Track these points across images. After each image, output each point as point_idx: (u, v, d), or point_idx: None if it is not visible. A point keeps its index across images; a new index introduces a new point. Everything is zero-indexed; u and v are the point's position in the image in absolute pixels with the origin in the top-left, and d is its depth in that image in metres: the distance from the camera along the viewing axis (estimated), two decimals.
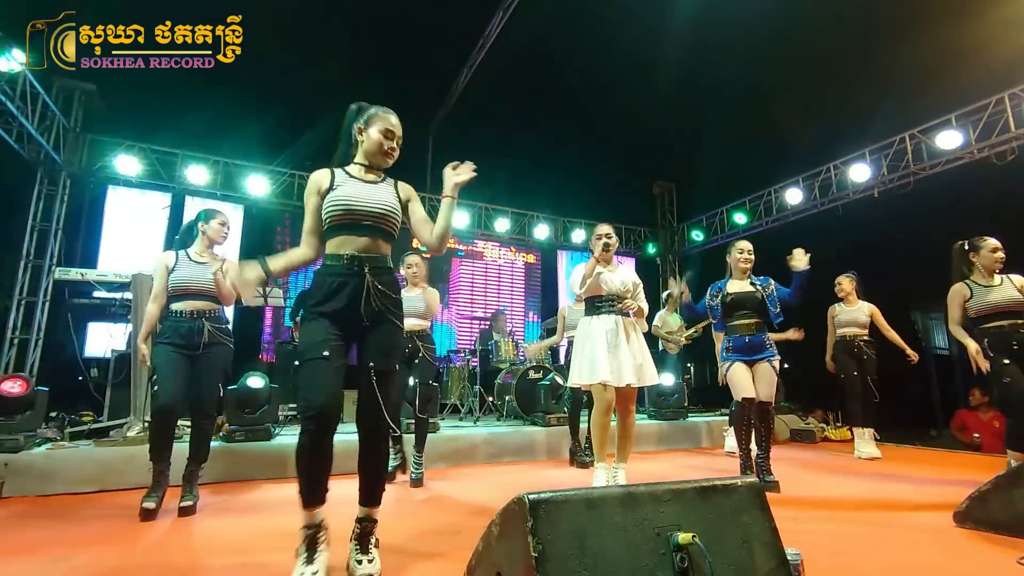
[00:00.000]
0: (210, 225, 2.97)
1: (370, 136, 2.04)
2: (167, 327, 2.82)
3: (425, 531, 2.46)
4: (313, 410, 1.78)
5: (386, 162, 2.08)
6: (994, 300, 3.34)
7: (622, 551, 1.14)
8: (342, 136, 2.11)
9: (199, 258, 2.92)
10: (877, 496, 3.13)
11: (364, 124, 2.05)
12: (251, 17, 4.68)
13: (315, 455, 1.80)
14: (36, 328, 5.89)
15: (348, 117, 2.10)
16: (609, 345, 3.03)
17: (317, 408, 1.78)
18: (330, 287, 1.90)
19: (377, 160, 2.06)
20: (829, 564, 1.96)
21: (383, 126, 2.04)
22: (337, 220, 1.93)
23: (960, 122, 5.97)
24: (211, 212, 3.04)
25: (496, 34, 6.02)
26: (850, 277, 4.82)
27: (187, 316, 2.82)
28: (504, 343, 6.06)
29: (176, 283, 2.82)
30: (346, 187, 1.97)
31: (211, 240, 2.97)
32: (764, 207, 8.32)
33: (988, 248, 3.45)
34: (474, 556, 1.40)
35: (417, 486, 3.45)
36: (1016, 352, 3.22)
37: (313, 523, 1.80)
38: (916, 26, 5.69)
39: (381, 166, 2.09)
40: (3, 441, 3.27)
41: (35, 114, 5.39)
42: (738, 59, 6.48)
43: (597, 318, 3.15)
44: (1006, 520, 2.23)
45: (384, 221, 1.97)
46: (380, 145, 2.03)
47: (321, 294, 1.91)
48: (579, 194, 9.00)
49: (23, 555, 2.16)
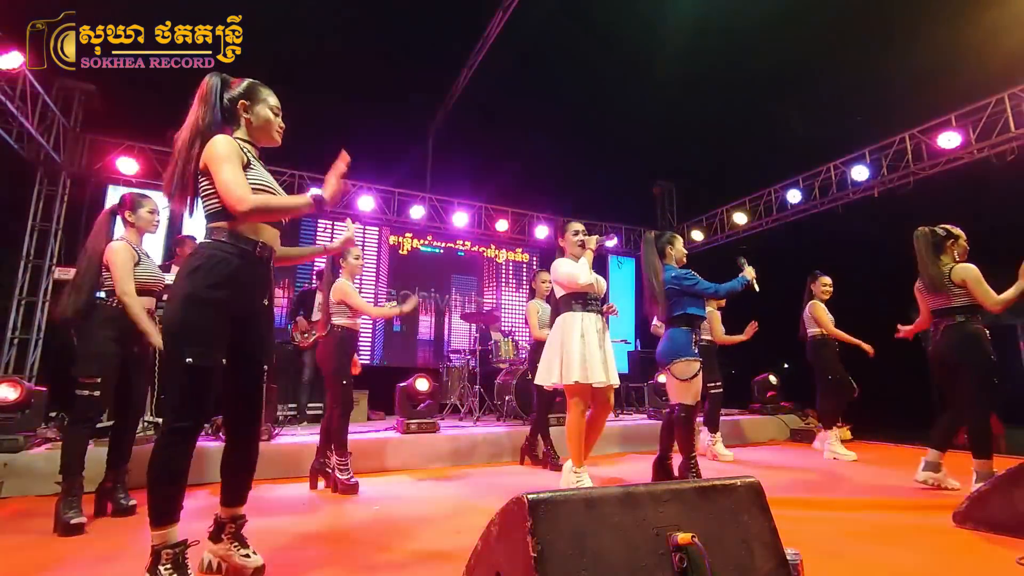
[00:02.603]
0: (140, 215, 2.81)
1: (259, 114, 1.88)
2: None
3: (424, 531, 2.46)
4: (225, 423, 1.83)
5: (277, 143, 1.96)
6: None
7: (621, 551, 1.14)
8: (206, 106, 1.82)
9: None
10: (877, 496, 3.13)
11: (248, 100, 1.88)
12: (251, 17, 4.68)
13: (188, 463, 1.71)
14: (36, 328, 5.89)
15: (212, 88, 1.84)
16: (600, 344, 3.04)
17: (235, 421, 1.83)
18: (241, 277, 1.76)
19: (268, 143, 1.94)
20: (829, 564, 1.96)
21: (270, 103, 1.91)
22: None
23: (960, 122, 5.97)
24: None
25: (496, 34, 6.02)
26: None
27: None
28: (504, 343, 6.06)
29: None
30: (261, 170, 1.85)
31: (147, 231, 2.85)
32: (764, 207, 8.32)
33: (963, 238, 3.37)
34: (474, 556, 1.40)
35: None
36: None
37: (178, 540, 1.66)
38: (916, 26, 5.70)
39: (265, 147, 1.95)
40: (2, 441, 3.27)
41: (35, 114, 5.38)
42: (738, 59, 6.48)
43: (585, 315, 3.08)
44: (1006, 520, 2.23)
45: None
46: (273, 126, 1.91)
47: (231, 283, 1.73)
48: (579, 194, 9.00)
49: (23, 555, 2.16)
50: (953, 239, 3.40)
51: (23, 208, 5.95)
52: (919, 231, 3.45)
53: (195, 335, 1.67)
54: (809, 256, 7.47)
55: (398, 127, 7.90)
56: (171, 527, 1.66)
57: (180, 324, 1.68)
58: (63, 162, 6.09)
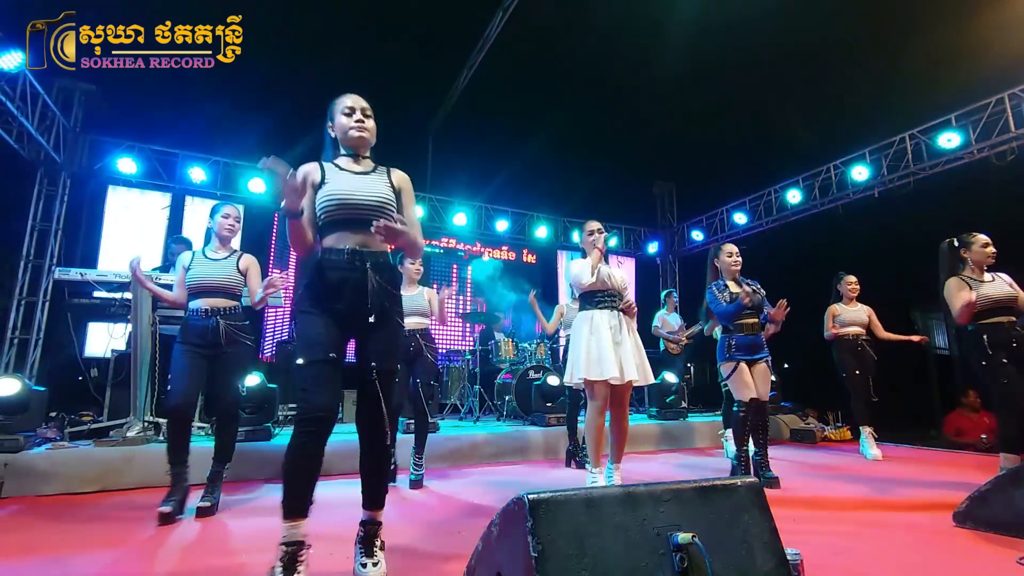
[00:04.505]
0: (215, 221, 2.98)
1: (337, 124, 2.00)
2: (184, 326, 2.83)
3: (425, 531, 2.46)
4: (315, 412, 1.72)
5: (363, 140, 1.99)
6: (994, 294, 3.27)
7: (622, 551, 1.14)
8: (324, 145, 2.09)
9: (214, 255, 2.94)
10: (877, 496, 3.12)
11: (330, 120, 2.03)
12: (251, 17, 4.67)
13: (310, 460, 1.74)
14: (36, 328, 5.89)
15: (325, 129, 2.08)
16: (614, 340, 2.99)
17: (320, 411, 1.73)
18: (331, 282, 1.83)
19: (354, 142, 1.99)
20: (829, 564, 1.96)
21: (341, 107, 1.99)
22: (332, 215, 1.87)
23: (960, 122, 5.97)
24: (217, 207, 3.04)
25: (496, 34, 6.02)
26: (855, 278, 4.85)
27: (202, 314, 2.79)
28: (504, 343, 6.06)
29: (190, 281, 2.83)
30: (337, 181, 1.92)
31: (219, 235, 2.98)
32: (764, 207, 8.32)
33: (979, 244, 3.41)
34: (474, 556, 1.40)
35: (417, 487, 3.44)
36: (1015, 350, 3.16)
37: (295, 539, 1.68)
38: (916, 26, 5.69)
39: (360, 148, 2.01)
40: (3, 441, 3.27)
41: (35, 114, 5.38)
42: (738, 59, 6.47)
43: (599, 312, 3.08)
44: (1006, 520, 2.23)
45: (381, 213, 1.89)
46: (347, 127, 1.97)
47: (322, 289, 1.84)
48: (579, 194, 9.00)
49: (23, 555, 2.15)
50: (965, 247, 3.44)
51: (23, 208, 5.95)
52: (941, 245, 3.60)
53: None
54: (809, 256, 7.50)
55: (398, 127, 7.90)
56: (288, 520, 1.70)
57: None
58: (63, 162, 6.09)
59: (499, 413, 5.75)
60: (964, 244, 3.48)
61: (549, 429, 4.81)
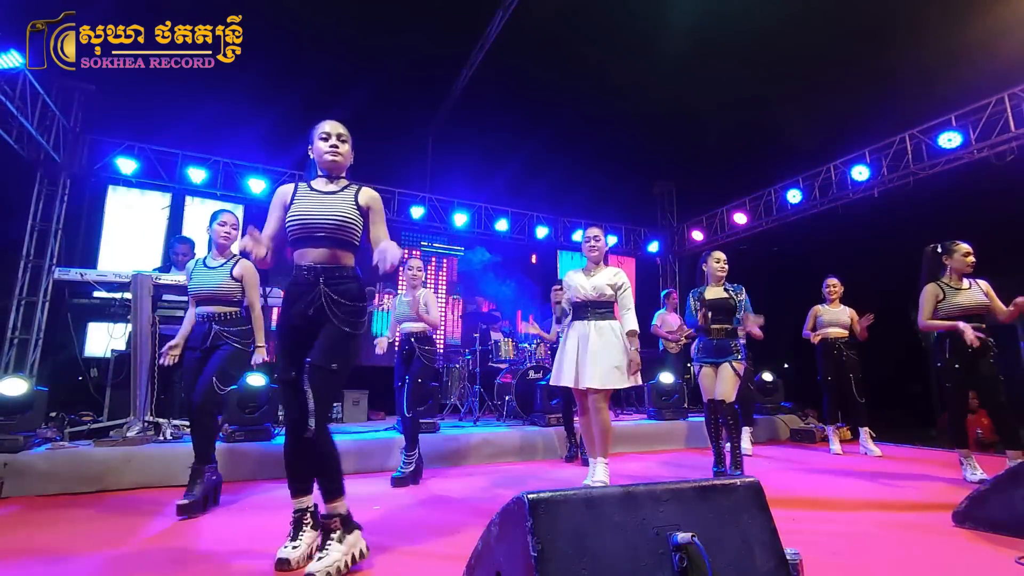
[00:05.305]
0: (213, 228, 3.04)
1: (315, 148, 2.17)
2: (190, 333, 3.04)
3: (425, 531, 2.46)
4: (289, 422, 2.02)
5: (336, 164, 2.15)
6: (963, 302, 3.51)
7: (621, 551, 1.14)
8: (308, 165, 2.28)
9: (212, 263, 3.02)
10: (877, 496, 3.13)
11: (310, 143, 2.19)
12: (251, 17, 4.67)
13: (294, 455, 2.06)
14: (36, 328, 5.89)
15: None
16: (579, 350, 3.25)
17: (289, 422, 2.02)
18: (291, 296, 2.07)
19: (327, 165, 2.16)
20: (829, 564, 1.96)
21: (319, 133, 2.16)
22: (295, 234, 2.08)
23: (960, 122, 5.96)
24: (215, 215, 3.08)
25: (496, 34, 6.02)
26: (839, 279, 4.92)
27: (200, 320, 2.98)
28: (504, 343, 6.05)
29: (190, 290, 2.99)
30: (304, 201, 2.10)
31: (216, 243, 3.05)
32: (764, 207, 8.32)
33: (961, 252, 3.59)
34: (474, 556, 1.40)
35: (400, 485, 3.44)
36: (969, 356, 3.40)
37: (299, 508, 2.07)
38: (916, 26, 5.69)
39: (333, 170, 2.18)
40: (2, 441, 3.27)
41: (35, 114, 5.38)
42: (738, 58, 6.47)
43: (576, 323, 3.37)
44: (1006, 520, 2.23)
45: (339, 231, 2.06)
46: (322, 151, 2.14)
47: (287, 304, 2.08)
48: (579, 194, 8.99)
49: (22, 555, 2.16)
50: (948, 254, 3.62)
51: (23, 208, 5.95)
52: (925, 249, 3.77)
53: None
54: (809, 256, 7.50)
55: (398, 127, 7.90)
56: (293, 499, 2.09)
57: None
58: (63, 162, 6.09)
59: (499, 413, 5.75)
60: (947, 251, 3.66)
61: (549, 429, 4.81)
